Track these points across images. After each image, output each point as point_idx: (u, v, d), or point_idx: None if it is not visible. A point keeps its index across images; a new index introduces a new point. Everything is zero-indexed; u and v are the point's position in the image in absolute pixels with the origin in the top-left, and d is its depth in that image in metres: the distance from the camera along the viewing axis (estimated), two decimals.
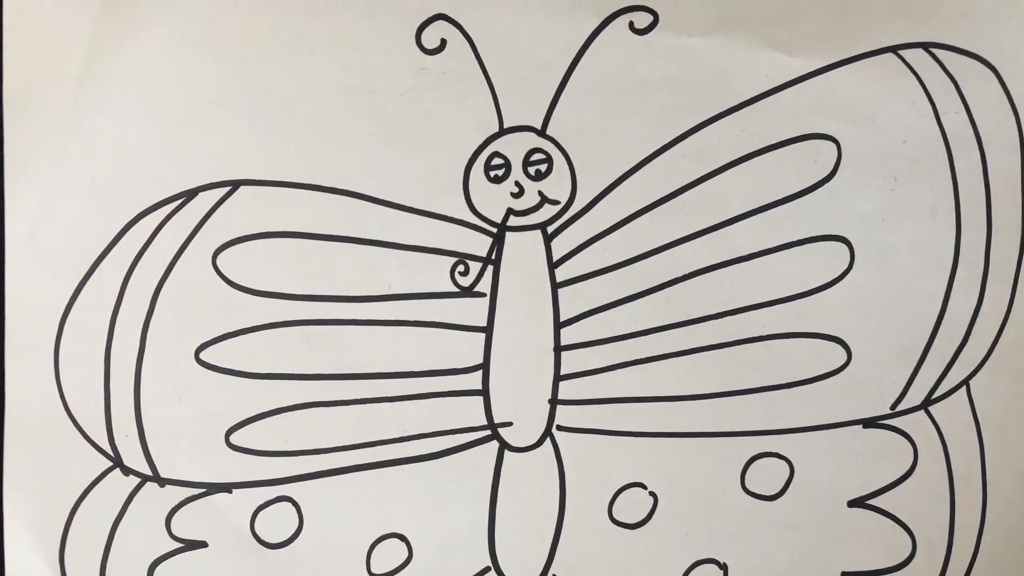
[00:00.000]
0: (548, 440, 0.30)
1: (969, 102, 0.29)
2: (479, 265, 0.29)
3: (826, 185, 0.29)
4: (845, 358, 0.29)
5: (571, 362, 0.29)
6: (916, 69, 0.29)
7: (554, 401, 0.30)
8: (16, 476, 0.30)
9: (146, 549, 0.30)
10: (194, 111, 0.29)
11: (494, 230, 0.29)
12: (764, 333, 0.29)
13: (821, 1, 0.28)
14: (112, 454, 0.29)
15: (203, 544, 0.30)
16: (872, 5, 0.28)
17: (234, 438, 0.29)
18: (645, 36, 0.28)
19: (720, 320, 0.29)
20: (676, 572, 0.30)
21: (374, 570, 0.30)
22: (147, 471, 0.30)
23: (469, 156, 0.29)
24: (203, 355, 0.29)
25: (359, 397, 0.29)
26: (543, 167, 0.29)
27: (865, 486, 0.30)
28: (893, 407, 0.29)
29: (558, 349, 0.29)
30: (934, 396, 0.29)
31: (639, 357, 0.29)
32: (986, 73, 0.29)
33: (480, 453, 0.30)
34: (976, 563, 0.30)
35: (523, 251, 0.29)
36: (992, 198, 0.29)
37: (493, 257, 0.29)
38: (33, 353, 0.29)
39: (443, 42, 0.28)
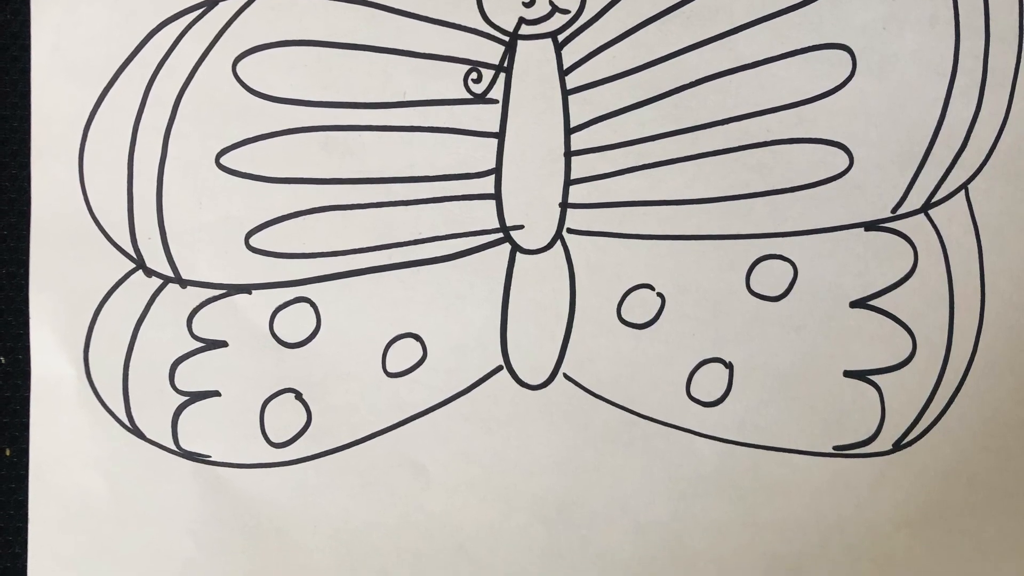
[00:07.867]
0: (559, 243, 0.30)
1: None
2: (491, 72, 0.30)
3: None
4: (847, 163, 0.30)
5: (581, 167, 0.30)
6: None
7: (564, 205, 0.30)
8: (42, 278, 0.30)
9: (168, 348, 0.30)
10: None
11: (506, 38, 0.30)
12: (768, 138, 0.30)
13: None
14: (135, 256, 0.30)
15: (223, 344, 0.31)
16: None
17: (253, 241, 0.30)
18: None
19: (726, 126, 0.30)
20: (683, 371, 0.31)
21: (390, 369, 0.31)
22: (169, 273, 0.30)
23: None
24: (223, 160, 0.30)
25: (374, 201, 0.30)
26: None
27: (866, 287, 0.30)
28: (894, 211, 0.30)
29: (568, 154, 0.30)
30: (934, 200, 0.30)
31: (647, 162, 0.30)
32: None
33: (492, 255, 0.30)
34: (975, 362, 0.30)
35: (534, 59, 0.30)
36: (990, 7, 0.30)
37: (505, 65, 0.30)
38: (58, 159, 0.30)
39: None
